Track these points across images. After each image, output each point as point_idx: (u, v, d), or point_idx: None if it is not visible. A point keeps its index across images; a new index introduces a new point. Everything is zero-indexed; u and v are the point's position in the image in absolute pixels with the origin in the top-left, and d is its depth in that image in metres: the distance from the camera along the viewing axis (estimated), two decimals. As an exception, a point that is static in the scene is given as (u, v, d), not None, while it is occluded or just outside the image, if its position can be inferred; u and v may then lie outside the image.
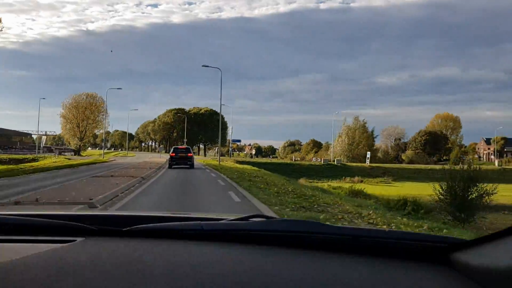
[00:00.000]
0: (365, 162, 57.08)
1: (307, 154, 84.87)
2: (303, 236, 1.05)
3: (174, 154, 24.29)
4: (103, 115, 73.23)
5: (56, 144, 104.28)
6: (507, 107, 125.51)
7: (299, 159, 71.73)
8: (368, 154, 58.30)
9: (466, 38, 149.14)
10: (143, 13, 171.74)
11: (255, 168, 29.17)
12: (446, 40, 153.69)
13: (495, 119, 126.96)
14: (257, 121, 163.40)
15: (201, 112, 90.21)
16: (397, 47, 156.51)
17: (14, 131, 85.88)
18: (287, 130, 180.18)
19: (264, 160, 67.50)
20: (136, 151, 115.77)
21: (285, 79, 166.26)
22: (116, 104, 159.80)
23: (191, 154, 24.63)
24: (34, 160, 33.59)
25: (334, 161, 57.17)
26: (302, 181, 31.74)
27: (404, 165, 57.83)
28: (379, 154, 71.51)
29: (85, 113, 70.41)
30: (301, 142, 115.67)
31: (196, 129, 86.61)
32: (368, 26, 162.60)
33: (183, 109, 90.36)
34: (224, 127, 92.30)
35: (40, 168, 21.28)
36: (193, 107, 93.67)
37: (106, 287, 0.73)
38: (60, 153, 60.84)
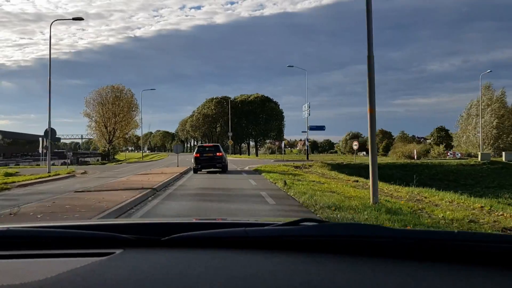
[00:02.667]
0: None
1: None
2: (361, 241, 0.96)
3: (198, 155, 20.12)
4: (134, 111, 60.24)
5: (96, 149, 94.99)
6: None
7: (421, 155, 43.63)
8: None
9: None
10: (187, 16, 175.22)
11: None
12: (502, 21, 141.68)
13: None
14: (302, 117, 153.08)
15: (249, 99, 72.77)
16: (448, 32, 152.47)
17: (38, 135, 76.35)
18: (336, 123, 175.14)
19: (341, 158, 47.53)
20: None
21: (330, 72, 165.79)
22: (163, 107, 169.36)
23: (220, 154, 20.55)
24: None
25: (489, 155, 35.74)
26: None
27: None
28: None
29: (112, 110, 57.38)
30: (361, 134, 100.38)
31: (245, 121, 70.02)
32: (416, 13, 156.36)
33: (227, 97, 73.04)
34: (279, 117, 74.72)
35: None
36: (240, 95, 76.06)
37: None
38: (78, 161, 48.26)
